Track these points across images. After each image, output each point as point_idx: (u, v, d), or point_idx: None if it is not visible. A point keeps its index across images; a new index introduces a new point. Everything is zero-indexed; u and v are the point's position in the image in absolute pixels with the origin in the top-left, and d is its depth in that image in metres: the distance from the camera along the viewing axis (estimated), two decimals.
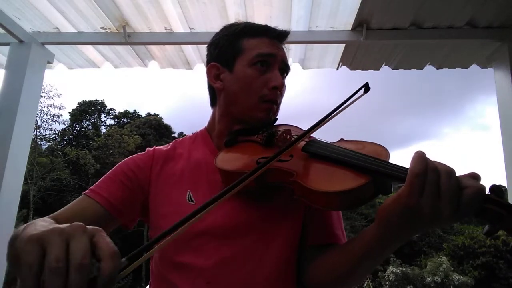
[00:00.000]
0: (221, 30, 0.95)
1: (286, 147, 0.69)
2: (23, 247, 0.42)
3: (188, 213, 0.79)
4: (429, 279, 18.07)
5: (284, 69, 0.91)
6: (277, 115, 0.92)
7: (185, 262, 0.76)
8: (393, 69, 2.57)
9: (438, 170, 0.53)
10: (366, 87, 0.80)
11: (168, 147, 0.94)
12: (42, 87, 2.38)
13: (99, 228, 0.46)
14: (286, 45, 0.95)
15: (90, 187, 0.86)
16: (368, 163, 0.62)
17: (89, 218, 0.80)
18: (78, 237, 0.42)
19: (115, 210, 0.82)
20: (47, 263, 0.40)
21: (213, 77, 0.92)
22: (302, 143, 0.76)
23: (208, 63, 0.94)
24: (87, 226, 0.45)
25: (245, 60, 0.87)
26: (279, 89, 0.87)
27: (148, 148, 0.95)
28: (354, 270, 0.69)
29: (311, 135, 0.81)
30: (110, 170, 0.90)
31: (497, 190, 0.52)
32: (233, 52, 0.89)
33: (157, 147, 0.95)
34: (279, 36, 0.91)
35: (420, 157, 0.54)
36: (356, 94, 0.79)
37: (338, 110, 0.76)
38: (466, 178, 0.54)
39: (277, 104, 0.89)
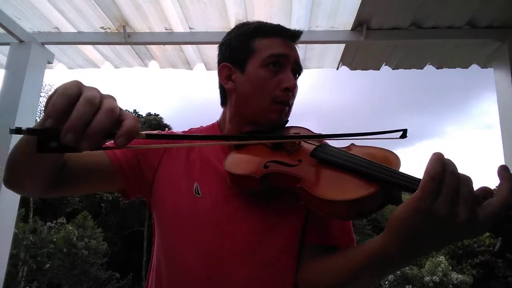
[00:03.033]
0: (233, 30, 0.94)
1: (283, 137, 0.68)
2: (63, 88, 0.45)
3: (192, 205, 0.80)
4: (428, 278, 18.10)
5: (297, 69, 0.90)
6: (288, 117, 0.90)
7: (187, 258, 0.77)
8: (393, 69, 2.57)
9: (457, 175, 0.50)
10: (404, 134, 0.74)
11: (184, 134, 0.93)
12: (42, 87, 2.38)
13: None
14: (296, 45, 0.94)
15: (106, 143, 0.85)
16: (377, 172, 0.60)
17: (93, 162, 0.79)
18: (111, 98, 0.46)
19: (121, 170, 0.82)
20: (84, 95, 0.44)
21: (224, 77, 0.91)
22: (311, 147, 0.75)
23: (219, 63, 0.92)
24: None
25: (257, 61, 0.85)
26: (291, 91, 0.85)
27: (167, 129, 0.95)
28: (351, 280, 0.66)
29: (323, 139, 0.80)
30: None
31: None
32: (245, 53, 0.87)
33: (173, 131, 0.95)
34: (292, 37, 0.90)
35: (437, 159, 0.50)
36: (390, 134, 0.74)
37: (363, 137, 0.73)
38: (506, 181, 0.50)
39: (289, 105, 0.88)
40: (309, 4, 1.96)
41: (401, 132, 0.73)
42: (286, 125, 0.91)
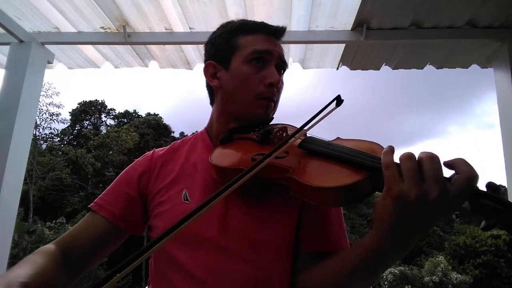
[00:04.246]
0: (218, 29, 0.95)
1: (282, 143, 0.69)
2: None
3: (182, 212, 0.79)
4: (427, 278, 18.10)
5: (281, 65, 0.90)
6: (274, 113, 0.91)
7: (182, 261, 0.76)
8: (393, 69, 2.57)
9: (415, 157, 0.55)
10: (339, 100, 0.78)
11: (167, 149, 0.95)
12: (42, 87, 2.38)
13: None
14: (286, 44, 0.94)
15: (95, 200, 0.88)
16: (364, 160, 0.63)
17: (94, 233, 0.83)
18: None
19: (121, 221, 0.84)
20: None
21: (210, 75, 0.91)
22: (298, 140, 0.76)
23: (205, 62, 0.93)
24: None
25: (241, 57, 0.86)
26: (276, 86, 0.85)
27: (146, 152, 0.96)
28: (348, 281, 0.67)
29: (307, 133, 0.81)
30: (113, 181, 0.91)
31: (492, 186, 0.53)
32: (229, 50, 0.88)
33: (156, 150, 0.95)
34: (275, 33, 0.90)
35: (385, 152, 0.58)
36: (329, 107, 0.77)
37: (311, 123, 0.75)
38: (458, 162, 0.54)
39: (274, 101, 0.88)
40: (309, 4, 1.96)
41: (336, 101, 0.78)
42: (272, 122, 0.91)
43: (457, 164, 0.54)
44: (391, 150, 0.58)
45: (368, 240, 0.61)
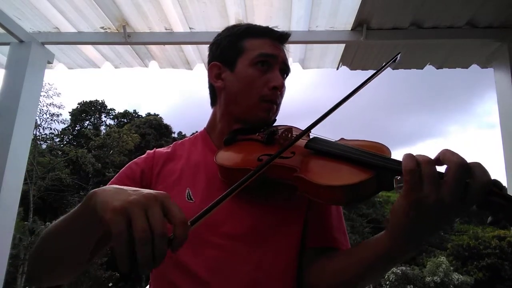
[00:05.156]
0: (224, 31, 0.96)
1: (293, 141, 0.70)
2: (111, 218, 0.47)
3: (186, 211, 0.79)
4: (429, 278, 18.09)
5: (285, 70, 0.92)
6: (276, 116, 0.92)
7: (185, 261, 0.76)
8: (393, 69, 2.57)
9: (434, 161, 0.54)
10: (396, 58, 0.82)
11: (168, 149, 0.95)
12: (42, 87, 2.38)
13: (165, 193, 0.51)
14: (286, 44, 0.96)
15: None
16: (371, 159, 0.63)
17: None
18: (152, 206, 0.48)
19: None
20: (136, 234, 0.46)
21: (214, 76, 0.93)
22: (304, 140, 0.77)
23: (209, 63, 0.95)
24: (156, 194, 0.50)
25: (247, 60, 0.88)
26: (279, 90, 0.88)
27: (148, 150, 0.96)
28: (363, 276, 0.68)
29: (312, 132, 0.81)
30: (115, 176, 0.91)
31: (497, 183, 0.54)
32: (235, 52, 0.90)
33: (157, 149, 0.96)
34: (280, 38, 0.92)
35: (407, 156, 0.56)
36: (387, 65, 0.81)
37: (370, 80, 0.79)
38: (475, 168, 0.53)
39: (277, 104, 0.90)
40: (309, 4, 1.96)
41: (395, 58, 0.83)
42: (274, 124, 0.92)
43: (472, 168, 0.53)
44: (412, 155, 0.57)
45: (383, 241, 0.62)
